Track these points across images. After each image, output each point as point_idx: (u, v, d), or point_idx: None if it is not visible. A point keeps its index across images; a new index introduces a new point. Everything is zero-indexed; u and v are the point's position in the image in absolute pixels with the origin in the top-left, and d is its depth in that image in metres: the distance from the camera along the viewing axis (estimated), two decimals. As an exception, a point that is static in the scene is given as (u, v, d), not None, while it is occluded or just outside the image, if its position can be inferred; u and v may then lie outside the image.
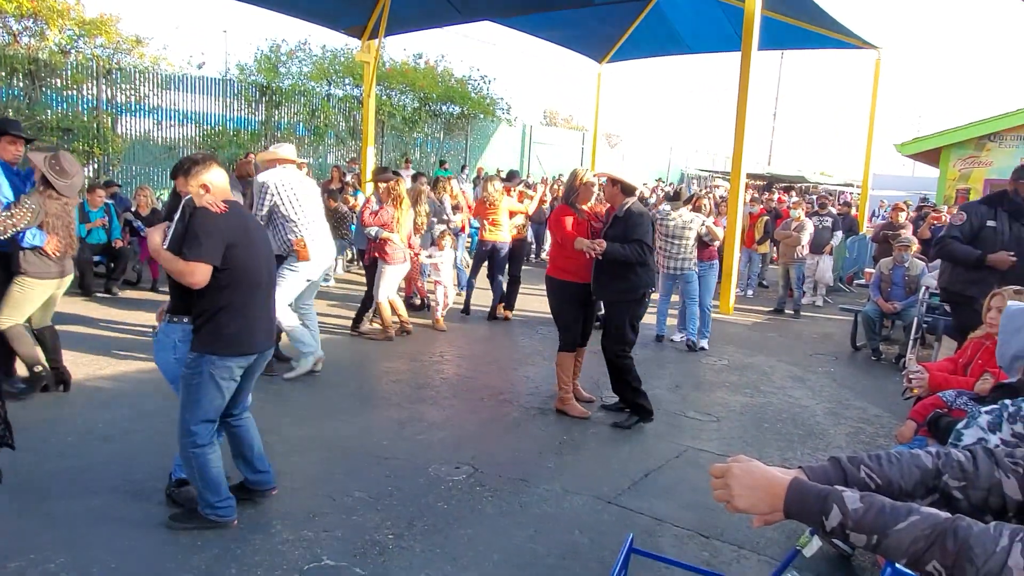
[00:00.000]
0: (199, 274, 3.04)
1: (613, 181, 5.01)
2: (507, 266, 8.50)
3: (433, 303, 7.96)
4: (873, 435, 5.24)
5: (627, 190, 4.98)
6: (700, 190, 21.29)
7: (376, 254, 7.15)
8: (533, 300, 9.26)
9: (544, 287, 5.43)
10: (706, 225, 7.50)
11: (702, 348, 7.55)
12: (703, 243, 7.58)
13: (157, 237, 3.24)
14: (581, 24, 14.93)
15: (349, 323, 7.52)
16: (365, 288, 7.58)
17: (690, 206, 7.60)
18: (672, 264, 7.49)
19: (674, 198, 7.87)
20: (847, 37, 14.00)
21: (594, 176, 5.27)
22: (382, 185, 7.28)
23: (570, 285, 5.16)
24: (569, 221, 5.10)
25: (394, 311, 7.31)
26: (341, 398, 5.35)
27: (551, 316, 5.41)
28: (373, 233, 7.02)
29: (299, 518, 3.46)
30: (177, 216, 3.16)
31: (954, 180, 16.98)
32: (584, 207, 5.23)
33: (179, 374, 3.22)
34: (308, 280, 5.63)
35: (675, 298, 7.90)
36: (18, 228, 4.57)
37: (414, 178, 10.98)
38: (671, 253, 7.47)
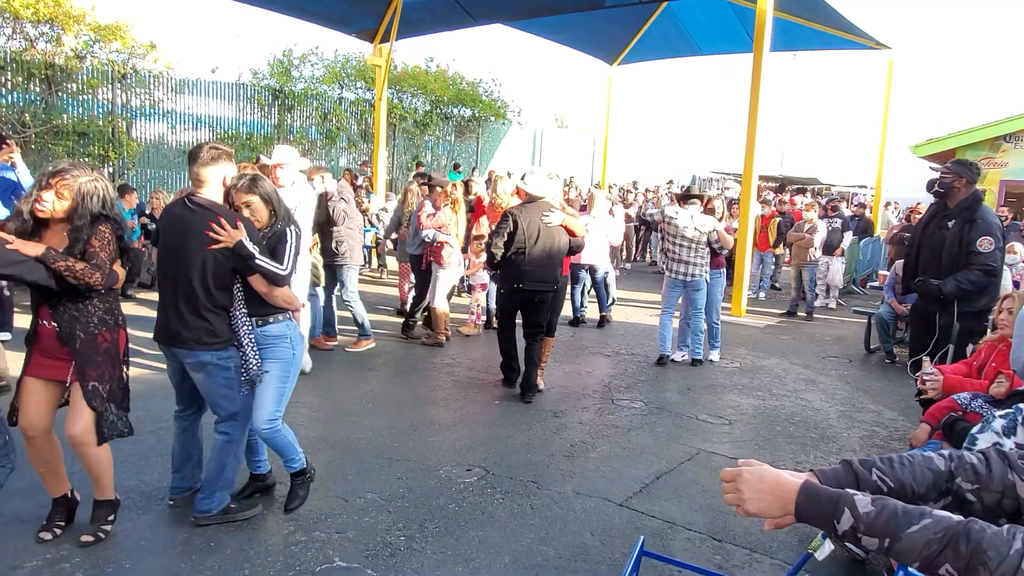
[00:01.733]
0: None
1: (518, 189, 5.87)
2: None
3: (476, 308, 7.95)
4: (887, 438, 5.20)
5: (530, 196, 5.65)
6: (714, 191, 21.21)
7: (431, 258, 7.16)
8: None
9: None
10: (717, 231, 6.80)
11: (711, 360, 7.07)
12: (712, 250, 6.90)
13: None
14: (592, 27, 14.92)
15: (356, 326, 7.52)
16: (391, 292, 7.58)
17: (701, 206, 6.91)
18: (680, 268, 6.76)
19: (684, 196, 7.15)
20: (860, 38, 13.92)
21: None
22: (437, 189, 7.24)
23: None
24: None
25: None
26: (352, 400, 5.37)
27: (564, 319, 5.79)
28: (431, 236, 7.00)
29: (311, 519, 3.48)
30: None
31: (969, 181, 16.79)
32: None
33: None
34: None
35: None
36: None
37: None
38: (678, 256, 6.75)
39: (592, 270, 8.55)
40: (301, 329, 5.53)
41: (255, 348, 3.35)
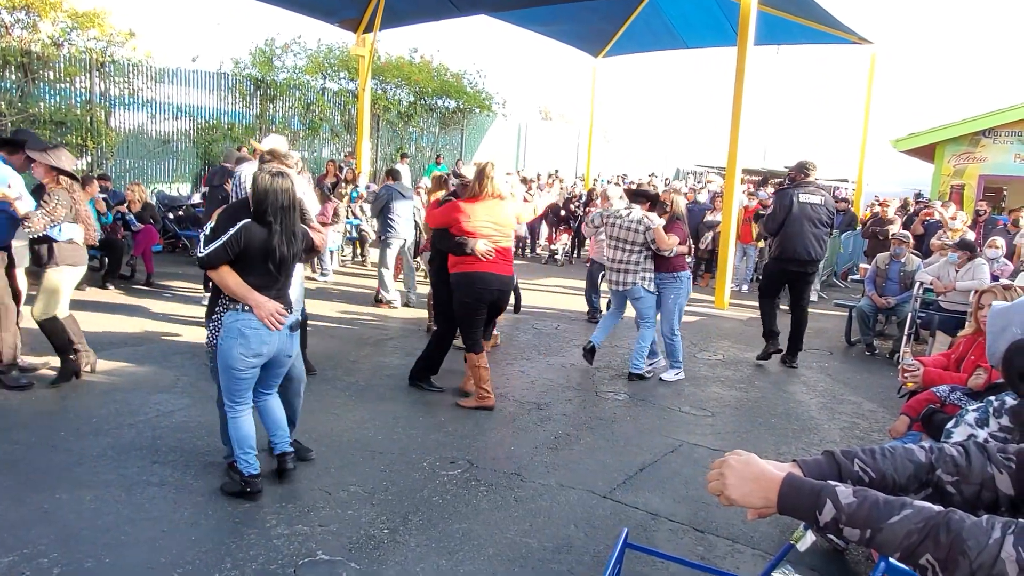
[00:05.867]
0: None
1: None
2: None
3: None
4: (867, 430, 5.26)
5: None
6: (698, 184, 21.18)
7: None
8: (526, 295, 9.24)
9: (537, 281, 5.47)
10: (652, 228, 5.83)
11: (661, 379, 6.09)
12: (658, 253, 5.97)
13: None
14: (576, 18, 14.91)
15: (345, 318, 7.50)
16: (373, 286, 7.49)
17: (644, 206, 6.04)
18: (613, 276, 6.07)
19: (636, 196, 6.26)
20: (843, 32, 14.02)
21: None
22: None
23: None
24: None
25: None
26: (335, 393, 5.34)
27: (550, 311, 5.50)
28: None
29: (294, 512, 3.46)
30: None
31: (948, 176, 17.02)
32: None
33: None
34: None
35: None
36: (56, 222, 4.91)
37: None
38: (612, 259, 6.05)
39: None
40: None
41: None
